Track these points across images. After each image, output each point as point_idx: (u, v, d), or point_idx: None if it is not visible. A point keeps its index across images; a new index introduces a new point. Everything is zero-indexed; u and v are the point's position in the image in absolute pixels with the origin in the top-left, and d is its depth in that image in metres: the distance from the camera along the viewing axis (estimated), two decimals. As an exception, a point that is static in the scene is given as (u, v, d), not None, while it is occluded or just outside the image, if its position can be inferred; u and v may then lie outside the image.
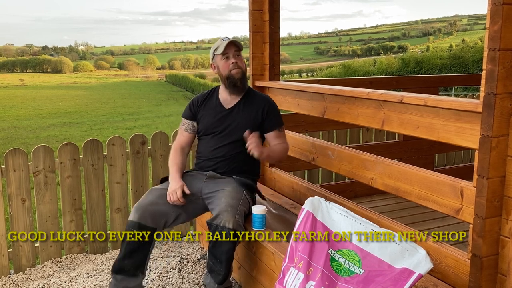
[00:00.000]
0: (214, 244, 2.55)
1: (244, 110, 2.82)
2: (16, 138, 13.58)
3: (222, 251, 2.54)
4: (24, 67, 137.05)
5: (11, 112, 23.75)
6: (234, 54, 2.76)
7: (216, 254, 2.56)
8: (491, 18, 1.75)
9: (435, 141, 2.12)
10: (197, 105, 2.90)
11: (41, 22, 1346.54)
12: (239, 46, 2.79)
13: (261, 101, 2.86)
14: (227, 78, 2.76)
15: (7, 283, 3.17)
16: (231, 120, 2.81)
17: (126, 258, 2.58)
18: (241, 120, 2.79)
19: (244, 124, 2.76)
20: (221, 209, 2.54)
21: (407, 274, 1.71)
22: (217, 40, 2.85)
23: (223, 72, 2.76)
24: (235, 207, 2.56)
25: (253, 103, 2.84)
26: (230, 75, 2.75)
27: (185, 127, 2.92)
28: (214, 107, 2.86)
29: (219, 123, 2.82)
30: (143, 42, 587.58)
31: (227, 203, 2.56)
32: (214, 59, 2.82)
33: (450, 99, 1.98)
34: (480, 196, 1.85)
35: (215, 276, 2.60)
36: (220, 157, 2.81)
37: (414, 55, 28.03)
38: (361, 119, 2.56)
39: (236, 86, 2.77)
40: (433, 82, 4.10)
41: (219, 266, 2.58)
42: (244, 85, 2.82)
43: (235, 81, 2.75)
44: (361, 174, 2.57)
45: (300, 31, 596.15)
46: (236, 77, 2.74)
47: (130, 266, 2.59)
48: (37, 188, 3.36)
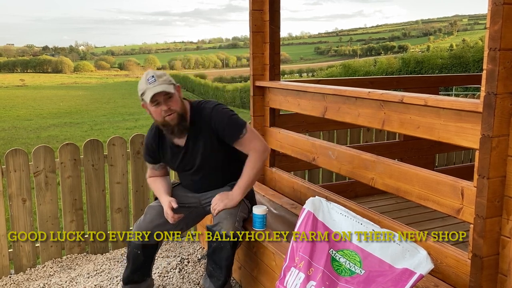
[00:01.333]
0: (213, 250, 2.55)
1: (197, 140, 2.58)
2: (17, 138, 13.59)
3: (222, 257, 2.54)
4: (24, 67, 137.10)
5: (12, 112, 23.77)
6: (165, 99, 2.41)
7: (215, 260, 2.57)
8: (491, 18, 1.75)
9: (435, 141, 2.12)
10: (153, 151, 2.70)
11: (41, 22, 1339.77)
12: (169, 91, 2.41)
13: (206, 121, 2.55)
14: (162, 125, 2.49)
15: (8, 283, 3.17)
16: (193, 157, 2.62)
17: (134, 273, 2.70)
18: (202, 151, 2.58)
19: (207, 153, 2.58)
20: (221, 216, 2.53)
21: (408, 274, 1.71)
22: (142, 79, 2.46)
23: (156, 118, 2.48)
24: (234, 215, 2.55)
25: (201, 128, 2.56)
26: (165, 122, 2.46)
27: (152, 167, 2.79)
28: (170, 149, 2.65)
29: (183, 163, 2.65)
30: (143, 42, 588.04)
31: (226, 210, 2.55)
32: (144, 103, 2.49)
33: (451, 99, 1.98)
34: (481, 196, 1.85)
35: (215, 281, 2.60)
36: (206, 186, 2.72)
37: (415, 55, 28.02)
38: (362, 119, 2.55)
39: (173, 133, 2.51)
40: (433, 82, 4.10)
41: (218, 271, 2.58)
42: (185, 127, 2.52)
43: (171, 128, 2.48)
44: (362, 174, 2.57)
45: (301, 31, 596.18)
46: (171, 123, 2.45)
47: (138, 277, 2.73)
48: (37, 188, 3.36)
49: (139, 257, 2.65)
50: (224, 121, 2.53)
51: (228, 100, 30.69)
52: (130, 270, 2.69)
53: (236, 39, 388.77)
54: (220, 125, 2.53)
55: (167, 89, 2.41)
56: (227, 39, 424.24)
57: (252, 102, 3.57)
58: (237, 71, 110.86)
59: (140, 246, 2.63)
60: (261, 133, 3.60)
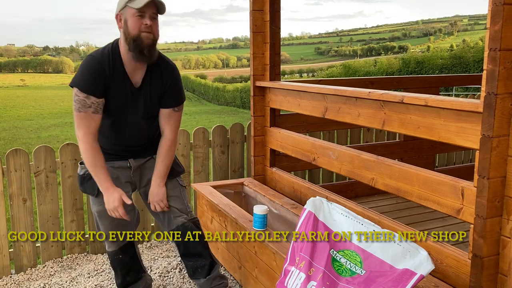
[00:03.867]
0: (184, 245, 2.54)
1: (152, 83, 2.38)
2: (17, 138, 13.59)
3: (195, 243, 2.53)
4: (25, 67, 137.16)
5: (12, 112, 23.78)
6: (151, 16, 2.23)
7: (190, 251, 2.56)
8: (491, 18, 1.75)
9: (435, 141, 2.12)
10: (103, 77, 2.25)
11: (43, 22, 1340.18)
12: (160, 9, 2.25)
13: (167, 72, 2.41)
14: (133, 39, 2.21)
15: (8, 283, 3.17)
16: (143, 98, 2.37)
17: (126, 276, 2.65)
18: (149, 98, 2.38)
19: (154, 100, 2.39)
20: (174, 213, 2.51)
21: (409, 275, 1.71)
22: None
23: (132, 30, 2.21)
24: (185, 205, 2.55)
25: (160, 75, 2.39)
26: (139, 38, 2.21)
27: (94, 108, 2.25)
28: (122, 81, 2.30)
29: (132, 102, 2.35)
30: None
31: (177, 206, 2.52)
32: (124, 11, 2.23)
33: (451, 99, 1.98)
34: (481, 196, 1.85)
35: (200, 272, 2.58)
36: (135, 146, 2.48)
37: (415, 55, 28.00)
38: (362, 119, 2.56)
39: (142, 54, 2.24)
40: (433, 82, 4.10)
41: (199, 260, 2.57)
42: (152, 55, 2.29)
43: (142, 47, 2.22)
44: (362, 174, 2.58)
45: (301, 31, 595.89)
46: (145, 42, 2.21)
47: (132, 277, 2.68)
48: (38, 188, 3.36)
49: (123, 260, 2.60)
50: (177, 85, 2.45)
51: (229, 100, 30.70)
52: (121, 276, 2.63)
53: (236, 39, 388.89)
54: (174, 87, 2.42)
55: (162, 8, 2.25)
56: (228, 39, 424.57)
57: (252, 102, 3.58)
58: (238, 71, 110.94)
59: (119, 251, 2.57)
60: (262, 133, 3.61)
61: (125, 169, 2.50)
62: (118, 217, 2.34)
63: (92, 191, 2.42)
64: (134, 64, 2.30)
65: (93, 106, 2.24)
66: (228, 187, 3.53)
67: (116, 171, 2.47)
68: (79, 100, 2.23)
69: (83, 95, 2.22)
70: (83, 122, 2.24)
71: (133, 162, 2.51)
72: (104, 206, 2.37)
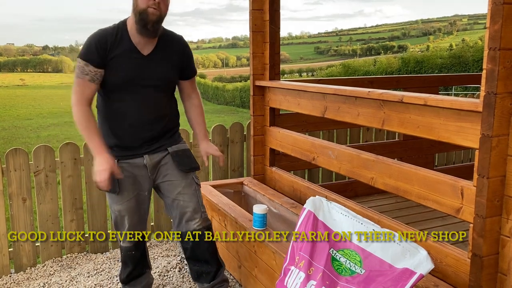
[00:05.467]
0: (192, 249, 2.52)
1: (164, 54, 2.42)
2: (17, 138, 13.58)
3: (204, 250, 2.52)
4: (24, 66, 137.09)
5: (12, 111, 23.76)
6: None
7: (198, 257, 2.54)
8: (491, 17, 1.75)
9: (435, 141, 2.12)
10: (104, 48, 2.28)
11: (43, 22, 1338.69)
12: None
13: (178, 44, 2.49)
14: (139, 13, 2.25)
15: (8, 282, 3.17)
16: (151, 68, 2.38)
17: (134, 270, 2.64)
18: (162, 66, 2.42)
19: (164, 70, 2.42)
20: (185, 215, 2.50)
21: (408, 274, 1.71)
22: None
23: (140, 3, 2.25)
24: (198, 207, 2.52)
25: (171, 47, 2.45)
26: (145, 12, 2.24)
27: (90, 76, 2.28)
28: (129, 51, 2.33)
29: (140, 71, 2.35)
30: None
31: (189, 206, 2.50)
32: None
33: (451, 99, 1.99)
34: (481, 195, 1.85)
35: (205, 277, 2.57)
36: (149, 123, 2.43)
37: (414, 55, 27.97)
38: (362, 118, 2.56)
39: (145, 28, 2.27)
40: (433, 81, 4.10)
41: (206, 266, 2.56)
42: (156, 31, 2.32)
43: (146, 22, 2.25)
44: (362, 173, 2.58)
45: (301, 31, 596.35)
46: (150, 18, 2.25)
47: (139, 271, 2.67)
48: (37, 188, 3.36)
49: (135, 255, 2.61)
50: (191, 55, 2.58)
51: (228, 100, 30.66)
52: (130, 269, 2.63)
53: (236, 38, 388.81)
54: (190, 58, 2.55)
55: None
56: (227, 38, 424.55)
57: (252, 101, 3.58)
58: (237, 71, 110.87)
59: (133, 247, 2.58)
60: (261, 132, 3.61)
61: (142, 168, 2.47)
62: (102, 181, 2.25)
63: (114, 189, 2.40)
64: (141, 39, 2.34)
65: (90, 74, 2.28)
66: (227, 187, 3.53)
67: (133, 170, 2.46)
68: (79, 67, 2.30)
69: (83, 62, 2.28)
70: (78, 89, 2.29)
71: (149, 159, 2.47)
72: (126, 205, 2.44)
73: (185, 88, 2.62)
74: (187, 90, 2.63)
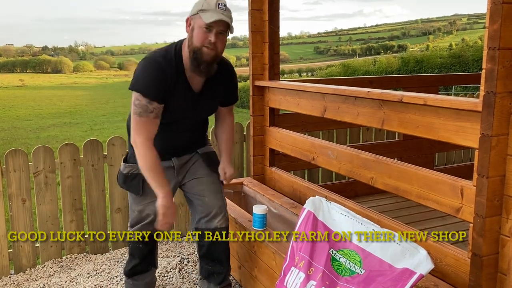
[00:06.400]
0: (209, 248, 2.53)
1: (213, 90, 2.39)
2: (16, 139, 13.58)
3: (220, 251, 2.54)
4: (24, 67, 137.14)
5: (11, 112, 23.76)
6: (218, 31, 2.17)
7: (213, 257, 2.55)
8: (490, 17, 1.75)
9: (435, 141, 2.12)
10: (166, 85, 2.22)
11: (42, 22, 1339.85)
12: (230, 27, 2.20)
13: (226, 76, 2.44)
14: (194, 50, 2.18)
15: (8, 283, 3.17)
16: (201, 104, 2.38)
17: (140, 264, 2.65)
18: (210, 102, 2.44)
19: (211, 106, 2.46)
20: (211, 211, 2.51)
21: (408, 274, 1.71)
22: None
23: (195, 41, 2.17)
24: (223, 205, 2.55)
25: (220, 79, 2.39)
26: (199, 51, 2.17)
27: (155, 113, 2.21)
28: (184, 88, 2.28)
29: (189, 109, 2.35)
30: (143, 42, 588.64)
31: (215, 202, 2.52)
32: (194, 17, 2.19)
33: (450, 98, 1.98)
34: (480, 195, 1.85)
35: (215, 278, 2.58)
36: (182, 144, 2.51)
37: (414, 54, 27.96)
38: (361, 118, 2.56)
39: (198, 68, 2.21)
40: (433, 81, 4.10)
41: (218, 267, 2.57)
42: (209, 72, 2.26)
43: (200, 62, 2.18)
44: (361, 173, 2.57)
45: (300, 31, 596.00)
46: (204, 58, 2.17)
47: (144, 266, 2.67)
48: (37, 189, 3.36)
49: (143, 250, 2.61)
50: (236, 86, 2.56)
51: (228, 100, 30.54)
52: (136, 262, 2.62)
53: (235, 38, 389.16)
54: (234, 88, 2.53)
55: (230, 25, 2.19)
56: (227, 38, 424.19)
57: (251, 101, 3.58)
58: (237, 71, 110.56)
59: (143, 242, 2.60)
60: (261, 132, 3.61)
61: (169, 168, 2.48)
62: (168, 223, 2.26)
63: (137, 191, 2.43)
64: (194, 74, 2.29)
65: (155, 111, 2.20)
66: (227, 187, 3.52)
67: None
68: (141, 105, 2.18)
69: (146, 100, 2.17)
70: (144, 127, 2.20)
71: (176, 161, 2.50)
72: (146, 206, 2.46)
73: (222, 111, 2.62)
74: (223, 113, 2.63)
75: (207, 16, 2.12)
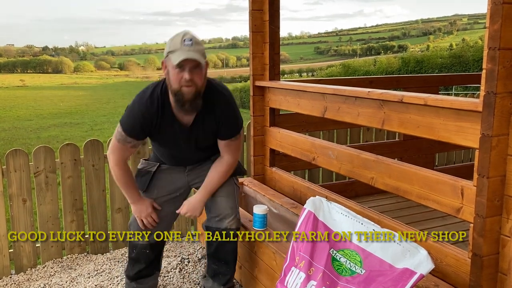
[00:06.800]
0: (216, 248, 2.54)
1: (204, 123, 2.38)
2: (17, 139, 13.59)
3: (228, 251, 2.54)
4: (24, 67, 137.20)
5: (12, 112, 23.78)
6: (192, 68, 2.15)
7: (220, 257, 2.56)
8: (491, 17, 1.75)
9: (435, 141, 2.12)
10: (149, 124, 2.30)
11: (42, 22, 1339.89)
12: (200, 61, 2.16)
13: (219, 109, 2.37)
14: (175, 93, 2.20)
15: (8, 283, 3.17)
16: (194, 137, 2.42)
17: (145, 269, 2.66)
18: (202, 135, 2.43)
19: (205, 138, 2.45)
20: (222, 212, 2.51)
21: (409, 274, 1.71)
22: (176, 36, 2.20)
23: (173, 84, 2.19)
24: (235, 207, 2.56)
25: (213, 112, 2.36)
26: (179, 91, 2.18)
27: (132, 144, 2.36)
28: (171, 125, 2.34)
29: (182, 140, 2.42)
30: (143, 42, 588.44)
31: (226, 204, 2.53)
32: (167, 59, 2.22)
33: (450, 99, 1.99)
34: (481, 195, 1.85)
35: (220, 278, 2.59)
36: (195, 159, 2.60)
37: (414, 55, 27.95)
38: (362, 118, 2.56)
39: (183, 107, 2.23)
40: (433, 81, 4.10)
41: (224, 267, 2.57)
42: (195, 108, 2.27)
43: (183, 102, 2.20)
44: (362, 173, 2.58)
45: (300, 31, 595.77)
46: (185, 98, 2.19)
47: (149, 271, 2.68)
48: (38, 189, 3.36)
49: (149, 255, 2.62)
50: (231, 118, 2.42)
51: (228, 100, 30.54)
52: (142, 267, 2.62)
53: (236, 39, 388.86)
54: (228, 122, 2.41)
55: (199, 60, 2.15)
56: (227, 39, 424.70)
57: (252, 102, 3.58)
58: (237, 71, 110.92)
59: (149, 246, 2.60)
60: (261, 133, 3.61)
61: (180, 171, 2.63)
62: (151, 223, 2.52)
63: (142, 186, 2.58)
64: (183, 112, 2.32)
65: (133, 143, 2.37)
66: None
67: (171, 171, 2.62)
68: (122, 135, 2.34)
69: (125, 134, 2.33)
70: (119, 151, 2.39)
71: (191, 166, 2.64)
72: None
73: (220, 145, 2.50)
74: (221, 148, 2.50)
75: (175, 57, 2.14)
